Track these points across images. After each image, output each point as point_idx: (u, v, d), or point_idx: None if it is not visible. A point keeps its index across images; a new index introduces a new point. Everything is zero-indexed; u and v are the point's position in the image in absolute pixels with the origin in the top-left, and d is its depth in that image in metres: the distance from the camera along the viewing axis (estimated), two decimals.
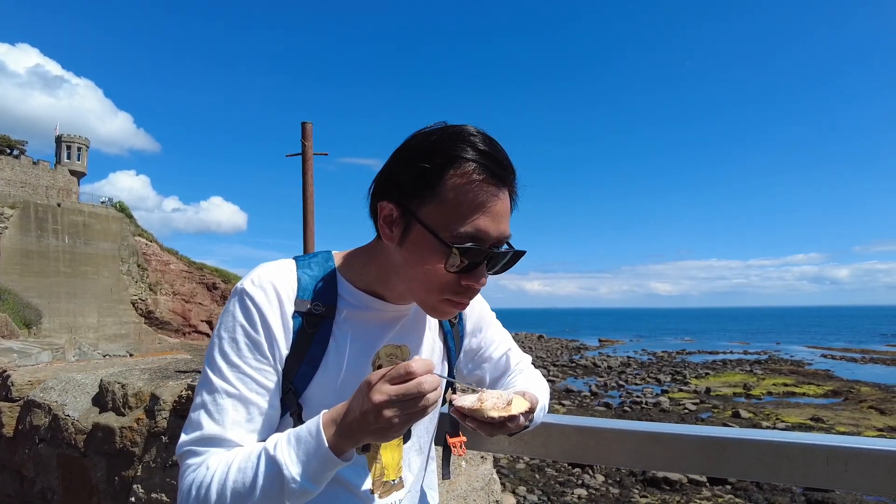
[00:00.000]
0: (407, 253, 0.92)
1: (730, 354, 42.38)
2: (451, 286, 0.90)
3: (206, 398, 0.90)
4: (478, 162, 0.87)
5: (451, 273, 0.88)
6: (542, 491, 11.40)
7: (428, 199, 0.88)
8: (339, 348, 0.98)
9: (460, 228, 0.86)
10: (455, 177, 0.86)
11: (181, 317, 46.61)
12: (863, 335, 67.82)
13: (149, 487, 2.00)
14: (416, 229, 0.89)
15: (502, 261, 0.93)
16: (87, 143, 47.67)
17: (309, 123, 5.75)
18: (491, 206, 0.88)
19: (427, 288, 0.92)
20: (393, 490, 1.06)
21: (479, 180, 0.87)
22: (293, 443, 0.83)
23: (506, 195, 0.91)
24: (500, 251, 0.91)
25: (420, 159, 0.88)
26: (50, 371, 2.76)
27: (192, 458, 0.89)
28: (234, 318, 0.93)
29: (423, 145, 0.90)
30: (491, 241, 0.89)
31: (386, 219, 0.93)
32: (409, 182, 0.89)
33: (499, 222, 0.89)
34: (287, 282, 0.96)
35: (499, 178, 0.89)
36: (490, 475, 2.33)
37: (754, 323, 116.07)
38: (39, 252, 38.50)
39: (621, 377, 28.79)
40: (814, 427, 16.84)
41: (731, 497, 10.76)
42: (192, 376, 2.31)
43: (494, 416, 0.90)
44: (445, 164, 0.87)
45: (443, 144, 0.88)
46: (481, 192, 0.87)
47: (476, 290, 0.92)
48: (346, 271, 1.03)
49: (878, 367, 33.33)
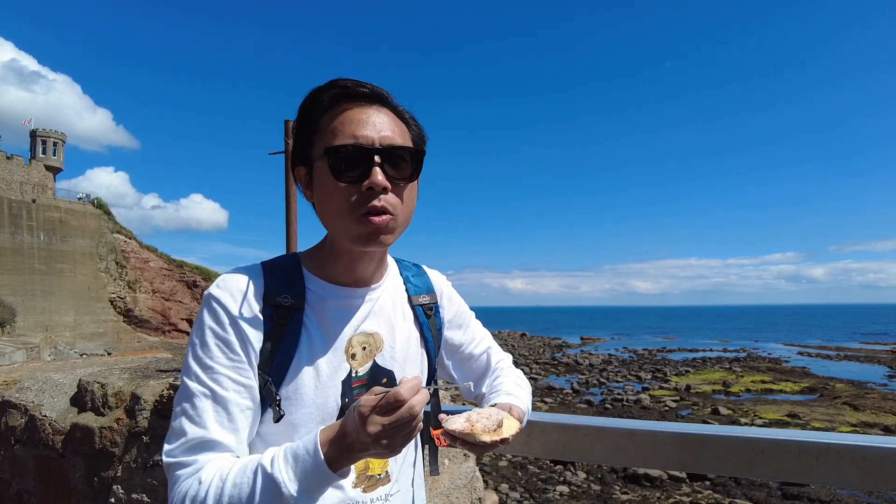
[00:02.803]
0: (316, 194, 1.01)
1: (710, 352, 42.98)
2: (356, 198, 0.95)
3: (185, 405, 0.92)
4: (334, 93, 0.98)
5: (345, 184, 0.95)
6: (524, 488, 11.47)
7: (315, 145, 0.99)
8: (312, 338, 1.00)
9: (336, 142, 0.96)
10: (326, 114, 0.99)
11: (161, 315, 45.96)
12: (838, 333, 69.32)
13: (129, 488, 1.98)
14: (314, 168, 1.00)
15: (387, 156, 0.97)
16: (64, 137, 46.68)
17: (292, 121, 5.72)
18: (358, 118, 0.97)
19: (338, 212, 0.97)
20: (379, 484, 1.07)
21: (345, 105, 0.98)
22: (290, 461, 0.84)
23: (377, 109, 1.00)
24: (377, 148, 0.96)
25: (301, 119, 1.02)
26: (26, 371, 2.72)
27: (180, 469, 0.89)
28: (203, 323, 0.96)
29: (300, 109, 1.02)
30: (368, 144, 0.96)
31: (301, 181, 1.04)
32: (300, 142, 1.03)
33: (370, 129, 0.97)
34: (253, 280, 1.00)
35: (359, 96, 0.99)
36: (473, 472, 2.35)
37: (733, 321, 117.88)
38: (13, 249, 37.66)
39: (603, 375, 29.04)
40: (790, 423, 17.16)
41: (710, 493, 10.93)
42: (173, 375, 2.29)
43: (486, 440, 0.94)
44: (319, 111, 0.99)
45: (311, 98, 1.00)
46: (345, 112, 0.98)
47: (377, 191, 0.95)
48: (308, 263, 1.07)
49: (852, 364, 34.10)
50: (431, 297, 1.21)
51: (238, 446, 0.93)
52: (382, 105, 1.01)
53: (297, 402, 0.98)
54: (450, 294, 1.27)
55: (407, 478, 1.15)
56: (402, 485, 1.12)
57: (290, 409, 0.97)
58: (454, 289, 1.30)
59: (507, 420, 0.98)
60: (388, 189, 0.96)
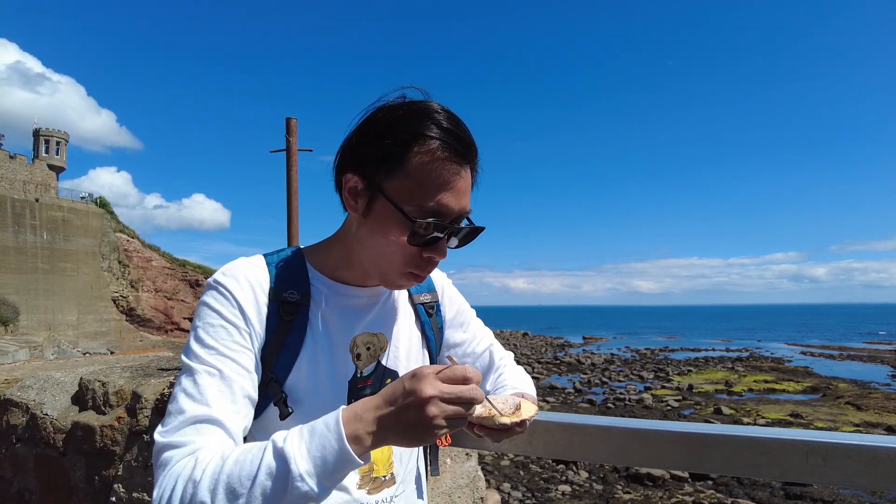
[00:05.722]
0: (371, 225, 0.93)
1: (712, 352, 42.93)
2: (413, 259, 0.93)
3: (185, 384, 0.85)
4: (442, 140, 0.89)
5: (413, 246, 0.91)
6: (526, 487, 11.46)
7: (393, 173, 0.89)
8: (316, 336, 0.98)
9: (424, 203, 0.88)
10: (420, 154, 0.88)
11: (163, 314, 46.04)
12: (840, 333, 69.21)
13: (130, 487, 1.97)
14: (381, 202, 0.91)
15: (462, 235, 0.96)
16: (66, 137, 46.77)
17: (294, 119, 5.71)
18: (454, 183, 0.90)
19: (389, 260, 0.93)
20: (384, 486, 1.04)
21: (443, 158, 0.89)
22: (305, 436, 0.75)
23: (468, 172, 0.93)
24: (461, 227, 0.94)
25: (386, 135, 0.90)
26: (27, 369, 2.72)
27: (173, 449, 0.79)
28: (209, 306, 0.92)
29: (388, 120, 0.91)
30: (452, 217, 0.91)
31: (351, 191, 0.94)
32: (374, 156, 0.91)
33: (460, 198, 0.91)
34: (259, 272, 0.97)
35: (461, 156, 0.91)
36: (475, 472, 2.34)
37: (736, 320, 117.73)
38: (16, 248, 37.71)
39: (605, 374, 29.01)
40: (793, 423, 17.12)
41: (713, 493, 10.91)
42: (174, 374, 2.29)
43: (506, 422, 0.92)
44: (411, 141, 0.88)
45: (408, 121, 0.89)
46: (445, 170, 0.89)
47: (436, 263, 0.95)
48: (313, 260, 1.04)
49: (855, 363, 34.00)
50: (433, 296, 1.20)
51: (239, 433, 0.85)
52: (471, 165, 0.94)
53: (302, 401, 0.95)
54: (451, 292, 1.25)
55: (411, 479, 1.13)
56: (406, 486, 1.10)
57: (295, 407, 0.94)
58: (455, 287, 1.29)
59: (524, 403, 0.97)
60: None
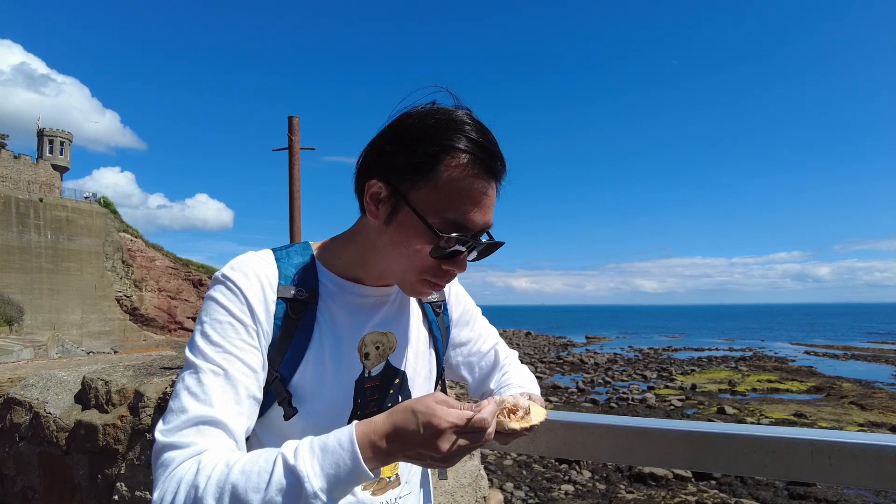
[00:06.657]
0: (392, 233, 0.91)
1: (715, 351, 42.89)
2: (432, 269, 0.91)
3: (189, 381, 0.83)
4: (472, 154, 0.86)
5: (434, 257, 0.89)
6: (529, 487, 11.46)
7: (420, 184, 0.87)
8: (324, 335, 0.96)
9: (449, 217, 0.87)
10: (449, 168, 0.86)
11: (166, 313, 46.17)
12: (844, 332, 68.94)
13: (132, 485, 1.97)
14: (405, 211, 0.88)
15: (482, 249, 0.94)
16: (70, 137, 46.96)
17: (296, 118, 5.70)
18: (480, 199, 0.88)
19: (408, 268, 0.92)
20: (388, 487, 1.03)
21: (473, 174, 0.86)
22: (317, 453, 0.74)
23: (494, 187, 0.91)
24: (483, 241, 0.92)
25: (415, 144, 0.87)
26: (31, 368, 2.72)
27: (175, 450, 0.78)
28: (216, 301, 0.89)
29: (418, 129, 0.88)
30: (475, 231, 0.90)
31: (373, 196, 0.92)
32: (402, 165, 0.88)
33: (485, 213, 0.90)
34: (268, 268, 0.94)
35: (490, 172, 0.89)
36: (477, 471, 2.33)
37: (739, 320, 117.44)
38: (21, 247, 37.89)
39: (608, 374, 29.01)
40: (797, 423, 17.08)
41: (716, 492, 10.88)
42: (176, 373, 2.29)
43: (516, 427, 0.90)
44: (441, 153, 0.86)
45: (439, 131, 0.87)
46: (473, 185, 0.87)
47: (454, 275, 0.94)
48: (323, 257, 1.02)
49: (859, 363, 33.90)
50: (440, 295, 1.18)
51: (241, 435, 0.84)
52: (498, 180, 0.92)
53: (308, 401, 0.93)
54: (457, 291, 1.24)
55: (416, 480, 1.12)
56: (412, 487, 1.09)
57: (300, 407, 0.92)
58: (461, 285, 1.28)
59: (534, 407, 0.95)
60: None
